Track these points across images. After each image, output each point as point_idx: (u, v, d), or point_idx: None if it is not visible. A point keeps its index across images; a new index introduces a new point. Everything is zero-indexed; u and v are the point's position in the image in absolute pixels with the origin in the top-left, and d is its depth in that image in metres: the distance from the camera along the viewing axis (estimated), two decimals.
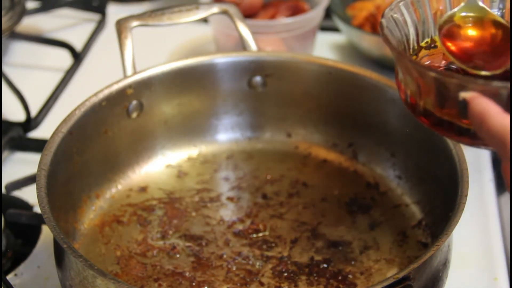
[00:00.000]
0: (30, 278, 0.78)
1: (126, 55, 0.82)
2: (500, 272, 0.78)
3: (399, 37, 0.63)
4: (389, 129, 0.84)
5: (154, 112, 0.85)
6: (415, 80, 0.58)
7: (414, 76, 0.58)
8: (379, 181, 0.85)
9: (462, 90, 0.54)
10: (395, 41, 0.62)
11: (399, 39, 0.63)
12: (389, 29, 0.62)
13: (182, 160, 0.88)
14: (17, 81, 1.00)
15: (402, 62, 0.60)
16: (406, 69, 0.60)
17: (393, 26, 0.63)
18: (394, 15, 0.63)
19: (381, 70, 1.05)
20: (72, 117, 0.76)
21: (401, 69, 0.61)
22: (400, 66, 0.61)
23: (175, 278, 0.74)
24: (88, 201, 0.80)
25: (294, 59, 0.87)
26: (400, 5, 0.64)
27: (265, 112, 0.90)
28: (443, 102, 0.57)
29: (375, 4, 1.09)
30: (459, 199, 0.67)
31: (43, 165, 0.70)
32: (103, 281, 0.61)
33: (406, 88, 0.61)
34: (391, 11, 0.63)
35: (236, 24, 0.87)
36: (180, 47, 1.17)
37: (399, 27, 0.63)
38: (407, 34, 0.64)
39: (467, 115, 0.55)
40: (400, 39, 0.63)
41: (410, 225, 0.79)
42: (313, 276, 0.74)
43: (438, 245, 0.63)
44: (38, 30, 1.21)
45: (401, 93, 0.63)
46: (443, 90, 0.56)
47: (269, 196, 0.84)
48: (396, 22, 0.63)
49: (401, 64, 0.60)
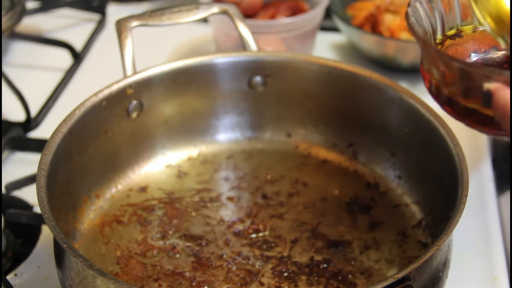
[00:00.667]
0: (30, 278, 0.78)
1: (126, 55, 0.82)
2: (500, 272, 0.78)
3: (424, 26, 0.63)
4: (389, 129, 0.84)
5: (154, 112, 0.85)
6: (439, 69, 0.58)
7: (439, 65, 0.58)
8: (379, 181, 0.85)
9: (487, 81, 0.54)
10: (421, 30, 0.62)
11: (425, 28, 0.63)
12: (414, 18, 0.62)
13: (182, 160, 0.88)
14: (17, 81, 1.00)
15: (427, 52, 0.60)
16: (431, 59, 0.60)
17: (419, 15, 0.63)
18: (420, 4, 0.63)
19: (381, 70, 1.05)
20: (72, 117, 0.76)
21: (426, 58, 0.61)
22: (425, 55, 0.61)
23: (175, 278, 0.74)
24: (88, 201, 0.80)
25: (294, 59, 0.87)
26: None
27: (265, 112, 0.90)
28: (467, 91, 0.57)
29: (375, 4, 1.09)
30: (459, 199, 0.67)
31: (43, 165, 0.70)
32: (103, 281, 0.61)
33: (431, 77, 0.61)
34: (417, 1, 0.63)
35: (236, 24, 0.87)
36: (180, 47, 1.17)
37: (424, 16, 0.63)
38: (433, 24, 0.64)
39: (491, 105, 0.55)
40: (425, 28, 0.63)
41: (410, 225, 0.79)
42: (313, 276, 0.74)
43: (438, 245, 0.63)
44: (38, 30, 1.21)
45: (425, 82, 0.63)
46: (467, 80, 0.56)
47: (269, 196, 0.84)
48: (422, 11, 0.63)
49: (426, 54, 0.60)
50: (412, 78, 1.07)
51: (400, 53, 1.05)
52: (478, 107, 0.57)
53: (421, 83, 1.07)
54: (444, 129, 0.74)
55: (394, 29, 1.05)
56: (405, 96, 0.80)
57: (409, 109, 0.80)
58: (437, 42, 0.65)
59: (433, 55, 0.59)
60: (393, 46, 1.04)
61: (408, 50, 1.04)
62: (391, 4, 1.08)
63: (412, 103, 0.79)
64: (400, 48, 1.04)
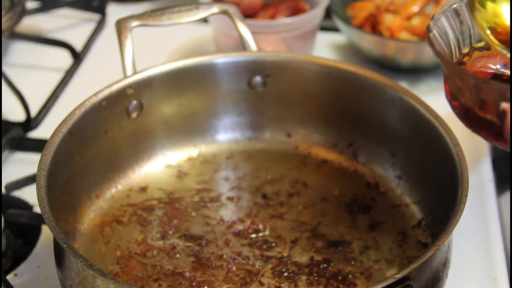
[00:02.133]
0: (30, 278, 0.78)
1: (126, 55, 0.82)
2: (500, 272, 0.78)
3: (448, 39, 0.63)
4: (389, 129, 0.84)
5: (154, 112, 0.85)
6: (457, 83, 0.59)
7: (456, 80, 0.58)
8: (379, 181, 0.85)
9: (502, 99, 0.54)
10: (443, 44, 0.61)
11: (449, 41, 0.63)
12: (437, 31, 0.61)
13: (182, 160, 0.88)
14: (17, 81, 1.00)
15: (445, 66, 0.60)
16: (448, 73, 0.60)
17: (443, 27, 0.62)
18: (446, 17, 0.63)
19: (381, 70, 1.05)
20: (72, 117, 0.76)
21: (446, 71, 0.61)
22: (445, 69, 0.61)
23: (175, 278, 0.74)
24: (88, 201, 0.80)
25: (294, 59, 0.87)
26: (454, 6, 0.64)
27: (265, 112, 0.90)
28: (484, 106, 0.57)
29: (375, 4, 1.09)
30: (459, 199, 0.67)
31: (43, 165, 0.70)
32: (103, 281, 0.61)
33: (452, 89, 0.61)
34: (442, 13, 0.63)
35: (236, 24, 0.87)
36: (180, 47, 1.17)
37: (449, 28, 0.63)
38: (459, 36, 0.64)
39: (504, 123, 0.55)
40: (449, 41, 0.63)
41: (410, 225, 0.79)
42: (313, 276, 0.74)
43: (438, 245, 0.63)
44: (38, 30, 1.21)
45: (446, 94, 0.63)
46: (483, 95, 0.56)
47: (269, 196, 0.84)
48: (447, 23, 0.63)
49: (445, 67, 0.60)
50: (412, 78, 1.07)
51: (400, 53, 1.05)
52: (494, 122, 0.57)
53: (421, 83, 1.08)
54: (444, 129, 0.74)
55: (394, 29, 1.05)
56: (405, 96, 0.80)
57: (409, 109, 0.80)
58: (464, 53, 0.64)
59: (449, 70, 0.59)
60: (393, 46, 1.04)
61: (408, 50, 1.04)
62: (391, 4, 1.08)
63: (412, 103, 0.79)
64: (400, 48, 1.04)
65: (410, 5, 1.08)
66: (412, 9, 1.07)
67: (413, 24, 1.05)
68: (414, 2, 1.08)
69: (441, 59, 0.60)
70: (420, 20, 1.06)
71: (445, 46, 0.62)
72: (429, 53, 1.04)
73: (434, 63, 1.07)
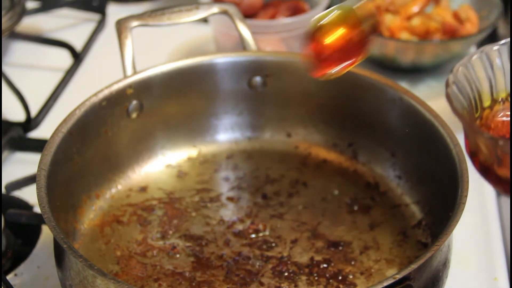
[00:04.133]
0: (30, 278, 0.78)
1: (126, 55, 0.82)
2: (500, 272, 0.78)
3: (467, 92, 0.62)
4: (389, 129, 0.84)
5: (154, 112, 0.85)
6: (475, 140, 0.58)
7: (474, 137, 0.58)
8: (379, 181, 0.85)
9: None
10: (461, 98, 0.61)
11: (468, 94, 0.62)
12: (456, 85, 0.61)
13: (182, 160, 0.88)
14: (17, 81, 1.00)
15: (462, 123, 0.60)
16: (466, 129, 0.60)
17: (463, 80, 0.62)
18: (465, 70, 0.62)
19: (381, 70, 1.05)
20: (72, 117, 0.76)
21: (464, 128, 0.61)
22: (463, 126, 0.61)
23: (175, 278, 0.74)
24: (88, 201, 0.80)
25: (294, 59, 0.87)
26: (474, 58, 0.63)
27: (265, 112, 0.90)
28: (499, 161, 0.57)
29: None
30: (459, 199, 0.67)
31: (43, 165, 0.70)
32: (103, 281, 0.61)
33: (471, 145, 0.61)
34: (463, 66, 0.62)
35: (236, 24, 0.87)
36: (180, 47, 1.17)
37: (470, 81, 0.62)
38: (479, 88, 0.63)
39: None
40: (469, 94, 0.62)
41: (410, 225, 0.79)
42: (313, 276, 0.74)
43: (438, 245, 0.63)
44: (38, 30, 1.21)
45: (467, 149, 0.62)
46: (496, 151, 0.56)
47: (269, 196, 0.84)
48: (467, 76, 0.62)
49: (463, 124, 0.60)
50: (412, 78, 1.07)
51: (400, 53, 1.05)
52: None
53: (421, 83, 1.08)
54: (444, 129, 0.74)
55: (394, 29, 1.05)
56: (405, 96, 0.80)
57: (409, 109, 0.80)
58: (485, 107, 0.64)
59: (466, 127, 0.59)
60: (393, 46, 1.04)
61: (408, 50, 1.04)
62: (391, 4, 1.08)
63: (412, 103, 0.79)
64: (400, 48, 1.04)
65: (410, 5, 1.08)
66: (412, 9, 1.07)
67: (413, 24, 1.05)
68: (414, 2, 1.08)
69: (459, 117, 0.59)
70: (420, 20, 1.06)
71: (463, 101, 0.61)
72: (429, 53, 1.04)
73: (434, 63, 1.07)
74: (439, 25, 1.05)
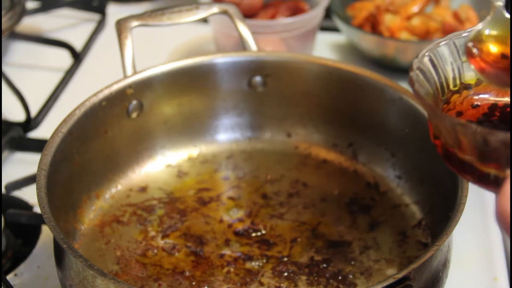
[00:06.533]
0: (30, 278, 0.78)
1: (126, 55, 0.82)
2: (500, 272, 0.78)
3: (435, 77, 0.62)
4: (389, 129, 0.84)
5: (154, 112, 0.85)
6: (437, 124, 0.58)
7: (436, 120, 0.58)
8: (379, 181, 0.85)
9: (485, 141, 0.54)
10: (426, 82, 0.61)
11: (435, 80, 0.62)
12: (419, 70, 0.61)
13: (182, 160, 0.88)
14: (17, 81, 1.00)
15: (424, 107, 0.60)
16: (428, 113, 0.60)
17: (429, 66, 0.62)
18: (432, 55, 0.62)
19: (381, 70, 1.05)
20: (72, 117, 0.76)
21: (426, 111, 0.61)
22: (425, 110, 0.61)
23: (175, 278, 0.74)
24: (88, 201, 0.80)
25: (294, 59, 0.87)
26: (442, 44, 0.63)
27: (265, 112, 0.90)
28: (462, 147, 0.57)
29: (375, 4, 1.09)
30: (459, 199, 0.67)
31: (43, 165, 0.70)
32: (103, 281, 0.61)
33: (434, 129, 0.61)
34: (429, 51, 0.62)
35: (236, 24, 0.87)
36: (180, 47, 1.17)
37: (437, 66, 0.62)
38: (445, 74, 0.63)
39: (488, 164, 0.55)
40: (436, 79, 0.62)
41: (410, 225, 0.79)
42: (313, 276, 0.74)
43: (438, 245, 0.63)
44: (38, 30, 1.21)
45: (430, 133, 0.62)
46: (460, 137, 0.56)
47: (269, 196, 0.84)
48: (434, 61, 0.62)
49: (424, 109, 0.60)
50: None
51: (400, 53, 1.05)
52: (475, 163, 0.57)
53: None
54: None
55: (394, 29, 1.05)
56: (405, 96, 0.80)
57: (409, 109, 0.80)
58: (454, 90, 0.64)
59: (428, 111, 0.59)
60: (393, 46, 1.04)
61: (408, 50, 1.04)
62: (391, 4, 1.08)
63: (412, 103, 0.79)
64: (400, 48, 1.05)
65: (410, 5, 1.08)
66: (412, 9, 1.07)
67: (413, 24, 1.05)
68: (414, 2, 1.08)
69: (420, 101, 0.59)
70: (420, 20, 1.06)
71: (430, 86, 0.61)
72: None
73: None
74: (439, 25, 1.05)
